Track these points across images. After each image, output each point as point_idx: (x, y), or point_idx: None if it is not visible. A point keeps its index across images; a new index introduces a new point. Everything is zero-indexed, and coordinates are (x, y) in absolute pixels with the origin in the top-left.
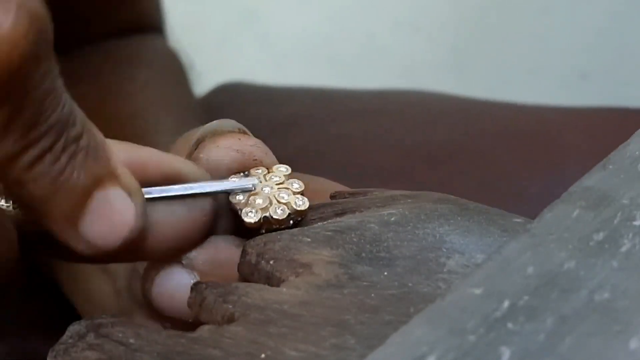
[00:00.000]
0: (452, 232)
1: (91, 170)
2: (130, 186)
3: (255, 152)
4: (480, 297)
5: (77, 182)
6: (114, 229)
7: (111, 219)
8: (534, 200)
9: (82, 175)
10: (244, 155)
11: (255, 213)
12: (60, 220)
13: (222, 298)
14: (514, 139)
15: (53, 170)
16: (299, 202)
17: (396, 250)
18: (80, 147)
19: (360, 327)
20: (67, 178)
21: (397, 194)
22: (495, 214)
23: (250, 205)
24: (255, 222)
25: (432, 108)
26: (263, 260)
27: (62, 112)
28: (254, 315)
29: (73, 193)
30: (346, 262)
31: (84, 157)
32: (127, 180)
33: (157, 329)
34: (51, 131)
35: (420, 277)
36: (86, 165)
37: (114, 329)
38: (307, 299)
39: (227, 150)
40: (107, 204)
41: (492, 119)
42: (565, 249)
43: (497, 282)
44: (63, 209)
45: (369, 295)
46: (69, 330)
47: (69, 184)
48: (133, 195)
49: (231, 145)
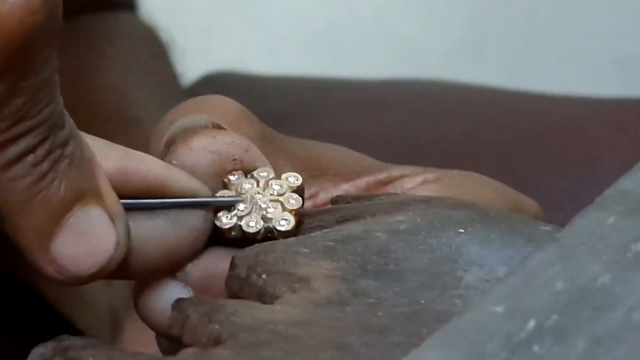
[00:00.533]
0: (470, 242)
1: (74, 183)
2: (115, 210)
3: (233, 151)
4: (502, 316)
5: (57, 192)
6: (91, 254)
7: (89, 241)
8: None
9: (63, 185)
10: (221, 155)
11: (228, 219)
12: (31, 234)
13: (207, 317)
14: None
15: (33, 174)
16: (282, 222)
17: (406, 262)
18: (65, 154)
19: (365, 350)
20: (47, 186)
21: (408, 199)
22: (519, 221)
23: (228, 211)
24: (225, 228)
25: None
26: (254, 274)
27: (54, 110)
28: (244, 336)
29: (50, 204)
30: (349, 276)
31: (68, 166)
32: (111, 202)
33: (134, 352)
34: (39, 129)
35: (433, 293)
36: (69, 175)
37: (84, 352)
38: (304, 318)
39: (202, 152)
40: (86, 223)
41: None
42: (599, 261)
43: (522, 299)
44: (36, 221)
45: (375, 314)
46: (33, 353)
47: (47, 193)
48: (116, 220)
49: (205, 145)
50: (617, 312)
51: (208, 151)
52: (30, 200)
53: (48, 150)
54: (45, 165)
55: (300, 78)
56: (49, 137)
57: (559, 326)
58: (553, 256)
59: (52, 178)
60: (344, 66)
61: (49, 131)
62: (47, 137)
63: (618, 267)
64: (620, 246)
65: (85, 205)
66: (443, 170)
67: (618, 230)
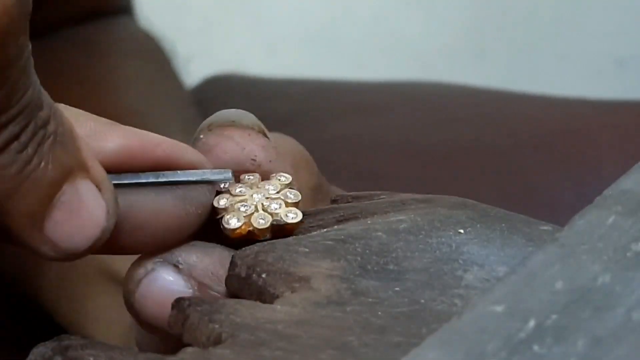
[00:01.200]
0: (470, 242)
1: (60, 160)
2: (101, 179)
3: (257, 152)
4: (502, 315)
5: (45, 173)
6: (84, 228)
7: (81, 216)
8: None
9: (50, 165)
10: (243, 150)
11: (236, 220)
12: (23, 218)
13: (207, 317)
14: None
15: (19, 160)
16: (291, 215)
17: (406, 262)
18: (48, 132)
19: (365, 349)
20: (34, 169)
21: (408, 198)
22: (519, 221)
23: (233, 211)
24: (233, 229)
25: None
26: (254, 274)
27: (33, 93)
28: (244, 336)
29: (40, 186)
30: (349, 276)
31: (52, 145)
32: (96, 171)
33: (134, 351)
34: (21, 115)
35: (433, 293)
36: (55, 154)
37: (84, 352)
38: (304, 318)
39: (226, 139)
40: (76, 199)
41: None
42: (599, 260)
43: (522, 299)
44: (27, 205)
45: (375, 314)
46: (33, 353)
47: (35, 176)
48: (103, 190)
49: (235, 136)
50: (617, 312)
51: (234, 141)
52: (20, 186)
53: (32, 134)
54: (30, 149)
55: (302, 80)
56: (31, 121)
57: (559, 326)
58: (553, 256)
59: (39, 160)
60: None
61: (30, 115)
62: (30, 121)
63: (618, 267)
64: (620, 246)
65: (74, 180)
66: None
67: (618, 230)
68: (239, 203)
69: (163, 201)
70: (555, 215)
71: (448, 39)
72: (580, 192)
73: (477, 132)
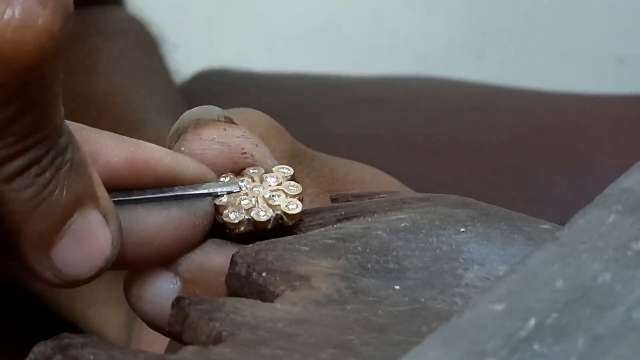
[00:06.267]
0: (470, 241)
1: (74, 188)
2: (108, 209)
3: (243, 144)
4: (503, 314)
5: (59, 199)
6: (89, 258)
7: (88, 246)
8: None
9: (64, 192)
10: (230, 148)
11: (237, 214)
12: (33, 241)
13: (207, 315)
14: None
15: (36, 184)
16: (291, 206)
17: (407, 260)
18: (65, 159)
19: (365, 348)
20: (50, 194)
21: (408, 197)
22: (519, 219)
23: (233, 206)
24: (234, 223)
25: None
26: (254, 272)
27: (59, 120)
28: (244, 334)
29: (53, 212)
30: (349, 275)
31: (68, 172)
32: (104, 201)
33: (135, 350)
34: (46, 140)
35: (434, 292)
36: (69, 181)
37: (85, 351)
38: (304, 317)
39: (210, 142)
40: (85, 228)
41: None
42: (600, 259)
43: (522, 298)
44: (38, 230)
45: (376, 312)
46: (33, 352)
47: (50, 201)
48: (109, 220)
49: (215, 136)
50: (618, 311)
51: (217, 142)
52: (34, 210)
53: (52, 159)
54: (48, 174)
55: (297, 75)
56: (53, 146)
57: (559, 324)
58: (553, 255)
59: (55, 186)
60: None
61: (53, 141)
62: (52, 147)
63: (618, 266)
64: (620, 245)
65: (85, 210)
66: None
67: (618, 229)
68: (240, 197)
69: (168, 215)
70: (552, 209)
71: (448, 37)
72: (575, 185)
73: (473, 127)
